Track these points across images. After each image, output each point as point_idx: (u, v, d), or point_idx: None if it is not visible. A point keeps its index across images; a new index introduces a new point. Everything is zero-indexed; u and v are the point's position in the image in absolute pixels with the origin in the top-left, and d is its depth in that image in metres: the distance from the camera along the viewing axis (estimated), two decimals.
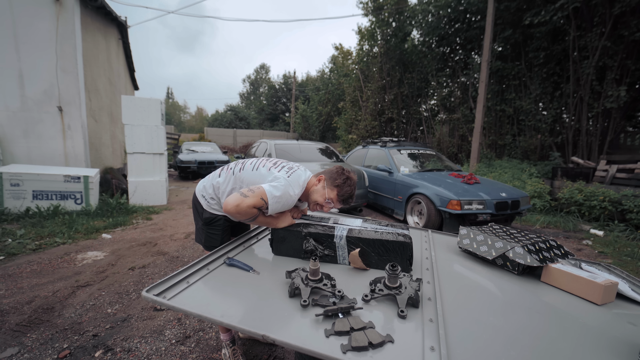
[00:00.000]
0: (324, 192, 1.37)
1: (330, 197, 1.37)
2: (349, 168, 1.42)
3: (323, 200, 1.37)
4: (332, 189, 1.37)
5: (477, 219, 3.80)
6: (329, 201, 1.37)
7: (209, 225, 1.54)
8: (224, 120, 31.07)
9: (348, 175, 1.40)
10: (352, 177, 1.41)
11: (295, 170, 1.39)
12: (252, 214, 1.22)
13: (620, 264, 3.43)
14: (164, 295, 0.92)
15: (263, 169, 1.42)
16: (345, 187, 1.37)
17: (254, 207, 1.20)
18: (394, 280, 0.96)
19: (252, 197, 1.20)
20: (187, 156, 9.35)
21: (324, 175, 1.41)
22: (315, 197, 1.38)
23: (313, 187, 1.40)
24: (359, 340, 0.73)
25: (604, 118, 7.45)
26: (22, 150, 5.16)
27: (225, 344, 1.67)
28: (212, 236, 1.54)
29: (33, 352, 1.71)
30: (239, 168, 1.47)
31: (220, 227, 1.53)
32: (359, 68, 15.31)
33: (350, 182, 1.39)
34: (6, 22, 4.90)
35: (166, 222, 4.48)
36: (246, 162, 1.49)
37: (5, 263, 2.87)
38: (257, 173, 1.41)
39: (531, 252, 1.21)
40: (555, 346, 0.81)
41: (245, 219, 1.25)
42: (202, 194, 1.56)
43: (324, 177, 1.40)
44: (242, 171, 1.45)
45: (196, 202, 1.59)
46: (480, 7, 9.25)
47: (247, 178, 1.42)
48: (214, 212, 1.52)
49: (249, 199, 1.19)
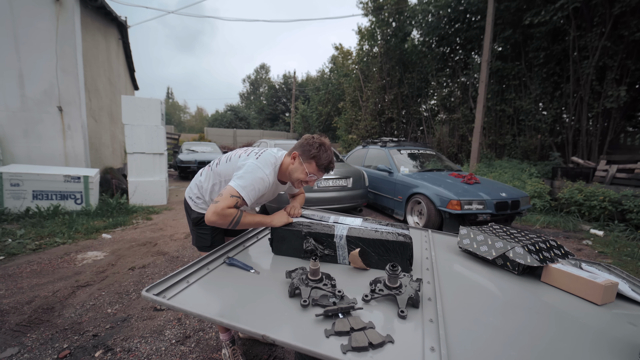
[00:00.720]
0: (303, 167, 1.34)
1: (310, 171, 1.33)
2: (317, 135, 1.38)
3: (305, 176, 1.34)
4: (310, 162, 1.33)
5: (477, 219, 3.80)
6: (311, 175, 1.34)
7: (198, 225, 1.54)
8: (224, 120, 31.09)
9: (320, 142, 1.35)
10: (325, 141, 1.36)
11: (263, 152, 1.39)
12: (232, 214, 1.19)
13: (620, 264, 3.43)
14: (163, 295, 0.92)
15: (234, 158, 1.42)
16: (322, 155, 1.33)
17: (228, 207, 1.18)
18: (394, 280, 0.96)
19: (222, 200, 1.19)
20: (187, 156, 9.36)
21: (297, 150, 1.37)
22: (296, 176, 1.35)
23: (290, 167, 1.37)
24: (359, 340, 0.73)
25: (604, 118, 7.45)
26: (22, 150, 5.16)
27: (225, 344, 1.67)
28: (202, 236, 1.55)
29: (33, 352, 1.71)
30: (216, 163, 1.50)
31: (209, 227, 1.52)
32: (359, 68, 15.31)
33: (324, 148, 1.34)
34: (6, 22, 4.90)
35: (166, 222, 4.48)
36: (222, 157, 1.51)
37: (5, 263, 2.87)
38: (230, 164, 1.42)
39: (531, 252, 1.21)
40: (555, 346, 0.81)
41: (232, 223, 1.21)
42: (189, 195, 1.58)
43: (297, 152, 1.36)
44: (218, 166, 1.47)
45: (186, 204, 1.61)
46: (480, 7, 9.25)
47: (222, 171, 1.43)
48: (201, 211, 1.52)
49: (220, 202, 1.18)
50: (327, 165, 1.35)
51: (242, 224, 1.24)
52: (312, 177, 1.35)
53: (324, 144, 1.35)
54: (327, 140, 1.39)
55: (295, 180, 1.38)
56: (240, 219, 1.22)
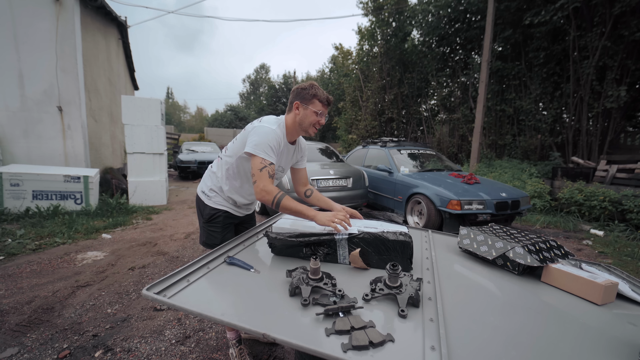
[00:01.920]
0: (309, 109, 1.40)
1: (317, 109, 1.40)
2: (301, 83, 1.45)
3: (316, 116, 1.41)
4: (313, 101, 1.40)
5: (477, 219, 3.80)
6: (320, 112, 1.41)
7: (210, 222, 1.54)
8: (224, 120, 31.10)
9: (309, 83, 1.42)
10: (313, 82, 1.44)
11: (263, 117, 1.45)
12: (272, 191, 1.25)
13: (621, 264, 3.43)
14: (164, 294, 0.92)
15: (239, 135, 1.46)
16: (318, 92, 1.41)
17: (267, 182, 1.25)
18: (394, 279, 0.96)
19: (257, 177, 1.26)
20: (187, 156, 9.36)
21: (296, 101, 1.43)
22: (308, 120, 1.41)
23: (297, 117, 1.43)
24: (359, 339, 0.73)
25: (604, 118, 7.45)
26: (22, 150, 5.16)
27: (232, 344, 1.67)
28: (212, 233, 1.54)
29: (33, 352, 1.71)
30: (224, 151, 1.54)
31: (221, 224, 1.53)
32: (359, 68, 15.31)
33: (316, 86, 1.42)
34: (6, 22, 4.90)
35: (166, 222, 4.48)
36: (228, 144, 1.55)
37: (5, 263, 2.87)
38: (237, 142, 1.46)
39: (531, 252, 1.21)
40: (555, 346, 0.81)
41: (274, 202, 1.25)
42: (202, 189, 1.58)
43: (297, 102, 1.42)
44: (227, 150, 1.51)
45: (198, 201, 1.60)
46: (480, 7, 9.26)
47: (231, 152, 1.47)
48: (214, 205, 1.52)
49: (257, 181, 1.26)
50: (327, 98, 1.43)
51: (284, 207, 1.26)
52: (322, 115, 1.42)
53: (313, 84, 1.42)
54: (313, 81, 1.47)
55: (308, 126, 1.43)
56: (281, 199, 1.25)
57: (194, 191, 7.28)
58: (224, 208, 1.53)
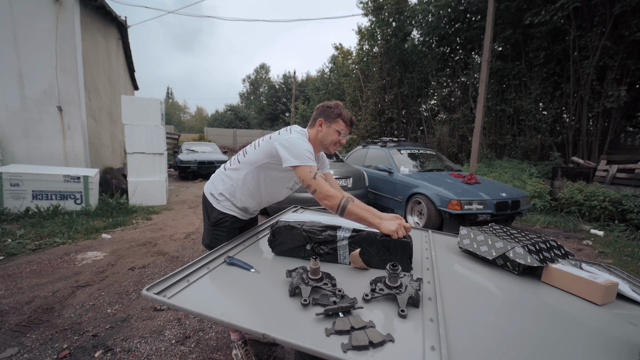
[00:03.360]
0: (332, 128, 1.42)
1: (340, 128, 1.43)
2: (327, 101, 1.48)
3: (338, 135, 1.43)
4: (337, 120, 1.42)
5: (477, 219, 3.80)
6: (343, 132, 1.43)
7: (216, 226, 1.51)
8: (224, 120, 31.11)
9: (335, 103, 1.45)
10: (337, 101, 1.46)
11: (292, 127, 1.45)
12: (335, 196, 1.23)
13: (621, 264, 3.43)
14: (164, 294, 0.92)
15: (263, 142, 1.43)
16: (343, 112, 1.43)
17: (325, 187, 1.23)
18: (394, 279, 0.96)
19: (314, 185, 1.24)
20: (187, 156, 9.35)
21: (320, 118, 1.44)
22: (330, 139, 1.44)
23: (319, 134, 1.44)
24: (359, 339, 0.73)
25: (604, 118, 7.45)
26: (22, 150, 5.16)
27: (237, 345, 1.66)
28: (217, 237, 1.52)
29: (33, 352, 1.70)
30: (243, 154, 1.49)
31: (227, 229, 1.51)
32: (359, 68, 15.31)
33: (342, 106, 1.44)
34: (6, 22, 4.90)
35: (166, 222, 4.48)
36: (247, 148, 1.51)
37: (5, 263, 2.87)
38: (260, 149, 1.43)
39: (531, 252, 1.21)
40: (556, 346, 0.81)
41: (339, 208, 1.22)
42: (210, 192, 1.55)
43: (321, 119, 1.44)
44: (246, 156, 1.47)
45: (205, 201, 1.57)
46: (480, 7, 9.26)
47: (252, 159, 1.44)
48: (223, 210, 1.50)
49: (317, 189, 1.24)
50: (351, 118, 1.46)
51: (349, 212, 1.22)
52: (344, 134, 1.44)
53: (339, 103, 1.45)
54: (339, 101, 1.49)
55: (329, 144, 1.45)
56: (347, 205, 1.22)
57: (194, 191, 7.27)
58: (232, 213, 1.51)
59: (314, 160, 1.30)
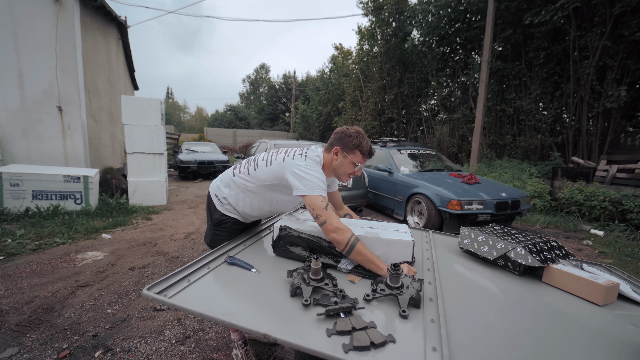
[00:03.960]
0: (349, 159, 1.36)
1: (357, 160, 1.36)
2: (349, 126, 1.39)
3: (353, 167, 1.37)
4: (354, 152, 1.36)
5: (477, 219, 3.80)
6: (359, 165, 1.37)
7: (217, 226, 1.52)
8: (224, 120, 31.08)
9: (356, 131, 1.38)
10: (360, 130, 1.39)
11: (306, 151, 1.38)
12: (346, 232, 1.15)
13: (621, 264, 3.43)
14: (164, 294, 0.92)
15: (276, 163, 1.37)
16: (363, 143, 1.36)
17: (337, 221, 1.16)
18: (395, 280, 0.96)
19: (325, 216, 1.17)
20: (187, 156, 9.34)
21: (337, 145, 1.38)
22: (344, 170, 1.38)
23: (334, 163, 1.39)
24: (360, 340, 0.73)
25: (604, 118, 7.45)
26: (22, 150, 5.15)
27: (237, 345, 1.66)
28: (218, 237, 1.53)
29: (33, 353, 1.70)
30: (254, 167, 1.44)
31: (228, 230, 1.51)
32: (359, 68, 15.31)
33: (362, 135, 1.37)
34: (6, 22, 4.89)
35: (166, 222, 4.48)
36: (258, 160, 1.46)
37: (5, 263, 2.87)
38: (272, 169, 1.38)
39: (532, 252, 1.21)
40: (557, 347, 0.81)
41: (347, 246, 1.14)
42: (215, 193, 1.55)
43: (338, 147, 1.37)
44: (257, 169, 1.43)
45: (209, 200, 1.58)
46: (480, 7, 9.26)
47: (263, 176, 1.40)
48: (225, 212, 1.50)
49: (327, 221, 1.16)
50: (370, 150, 1.38)
51: (357, 252, 1.13)
52: (360, 167, 1.38)
53: (360, 131, 1.38)
54: (360, 128, 1.42)
55: (342, 174, 1.40)
56: (355, 244, 1.14)
57: (194, 191, 7.27)
58: (233, 216, 1.51)
59: (325, 190, 1.26)
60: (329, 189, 1.64)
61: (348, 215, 1.70)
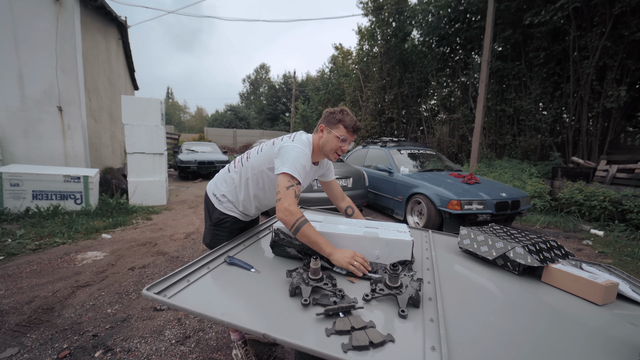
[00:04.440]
0: (333, 134, 1.37)
1: (340, 134, 1.37)
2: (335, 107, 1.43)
3: (338, 142, 1.37)
4: (337, 126, 1.37)
5: (477, 219, 3.80)
6: (343, 138, 1.37)
7: (217, 226, 1.52)
8: (224, 120, 31.10)
9: (340, 108, 1.41)
10: (344, 108, 1.42)
11: (296, 135, 1.41)
12: (296, 214, 1.17)
13: (621, 264, 3.43)
14: (164, 294, 0.92)
15: (266, 147, 1.42)
16: (346, 117, 1.37)
17: (293, 203, 1.18)
18: (394, 280, 0.96)
19: (283, 195, 1.19)
20: (187, 156, 9.35)
21: (322, 123, 1.42)
22: (330, 146, 1.39)
23: (321, 140, 1.41)
24: (359, 339, 0.73)
25: (604, 118, 7.45)
26: (22, 150, 5.15)
27: (237, 345, 1.66)
28: (218, 237, 1.52)
29: (33, 352, 1.70)
30: (246, 157, 1.49)
31: (227, 229, 1.51)
32: (359, 68, 15.31)
33: (346, 112, 1.39)
34: (6, 22, 4.90)
35: (166, 222, 4.48)
36: (250, 151, 1.52)
37: (5, 263, 2.87)
38: (263, 154, 1.42)
39: (532, 252, 1.21)
40: (556, 346, 0.81)
41: (294, 226, 1.16)
42: (213, 192, 1.55)
43: (323, 124, 1.41)
44: (249, 159, 1.47)
45: (207, 200, 1.57)
46: (480, 7, 9.26)
47: (255, 163, 1.43)
48: (224, 210, 1.50)
49: (282, 199, 1.18)
50: (354, 125, 1.38)
51: (302, 233, 1.16)
52: (344, 141, 1.38)
53: (344, 109, 1.40)
54: (346, 107, 1.42)
55: (329, 151, 1.40)
56: (302, 226, 1.16)
57: (194, 191, 7.27)
58: (233, 214, 1.51)
59: (300, 175, 1.27)
60: (324, 178, 1.66)
61: (350, 208, 1.69)
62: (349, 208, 1.69)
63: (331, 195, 1.71)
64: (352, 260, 1.11)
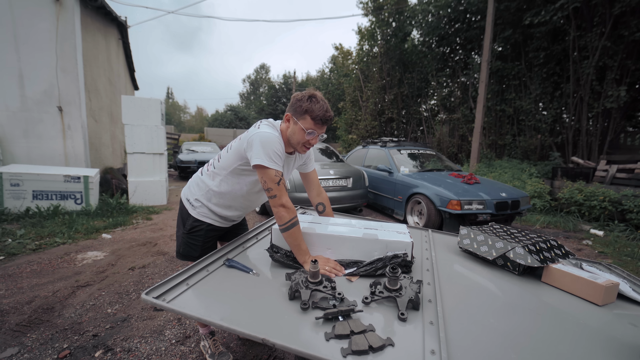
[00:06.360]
0: (299, 125, 1.23)
1: (307, 126, 1.22)
2: (306, 90, 1.27)
3: (304, 134, 1.23)
4: (304, 117, 1.22)
5: (477, 219, 3.80)
6: (310, 132, 1.23)
7: (190, 234, 1.43)
8: (224, 120, 31.08)
9: (309, 93, 1.24)
10: (315, 93, 1.24)
11: (260, 122, 1.30)
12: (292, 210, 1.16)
13: (620, 264, 3.43)
14: (163, 298, 0.92)
15: (235, 144, 1.33)
16: (314, 107, 1.20)
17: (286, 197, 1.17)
18: (394, 282, 0.96)
19: (275, 190, 1.15)
20: (187, 156, 9.35)
21: (289, 112, 1.27)
22: (296, 138, 1.25)
23: (288, 131, 1.27)
24: (359, 343, 0.73)
25: (604, 118, 7.45)
26: (22, 150, 5.15)
27: (205, 336, 1.69)
28: (191, 245, 1.44)
29: (33, 352, 1.70)
30: (217, 158, 1.41)
31: (202, 237, 1.43)
32: (359, 68, 15.30)
33: (315, 99, 1.22)
34: (6, 22, 4.89)
35: (166, 222, 4.48)
36: (221, 152, 1.42)
37: (5, 263, 2.87)
38: (232, 151, 1.32)
39: (532, 252, 1.21)
40: (556, 347, 0.81)
41: (286, 224, 1.15)
42: (186, 197, 1.47)
43: (289, 113, 1.26)
44: (220, 160, 1.38)
45: (181, 207, 1.49)
46: (480, 7, 9.25)
47: (225, 163, 1.34)
48: (198, 217, 1.42)
49: (277, 195, 1.16)
50: (323, 115, 1.21)
51: (290, 234, 1.16)
52: (311, 134, 1.24)
53: (313, 95, 1.23)
54: (317, 92, 1.25)
55: (296, 144, 1.28)
56: (293, 226, 1.15)
57: None
58: (208, 220, 1.42)
59: (280, 164, 1.19)
60: (304, 169, 1.57)
61: (321, 205, 1.60)
62: (319, 205, 1.60)
63: (308, 187, 1.62)
64: (324, 267, 1.14)
